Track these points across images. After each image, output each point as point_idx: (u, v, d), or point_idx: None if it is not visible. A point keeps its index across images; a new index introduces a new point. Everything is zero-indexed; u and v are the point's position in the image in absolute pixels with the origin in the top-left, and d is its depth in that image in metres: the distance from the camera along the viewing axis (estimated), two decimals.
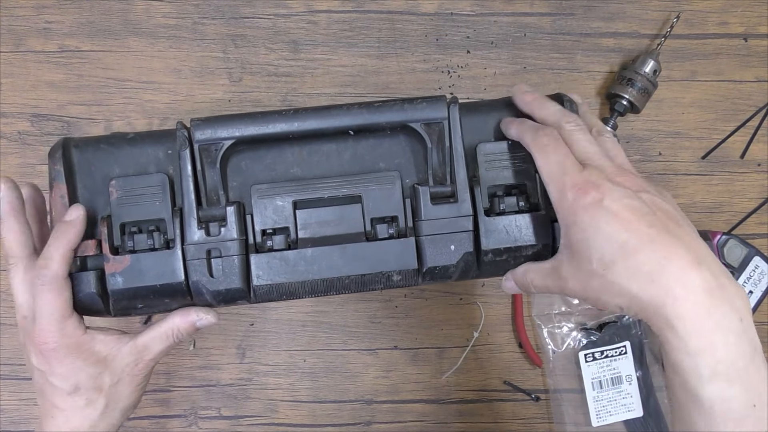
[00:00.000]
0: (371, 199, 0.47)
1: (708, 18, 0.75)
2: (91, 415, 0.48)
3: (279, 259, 0.46)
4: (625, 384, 0.70)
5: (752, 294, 0.69)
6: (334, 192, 0.47)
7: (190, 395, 0.71)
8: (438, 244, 0.46)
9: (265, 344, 0.72)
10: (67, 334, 0.46)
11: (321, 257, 0.46)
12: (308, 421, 0.71)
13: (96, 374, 0.47)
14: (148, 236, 0.45)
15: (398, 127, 0.47)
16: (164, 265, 0.45)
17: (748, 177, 0.75)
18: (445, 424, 0.72)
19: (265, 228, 0.47)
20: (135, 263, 0.45)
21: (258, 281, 0.46)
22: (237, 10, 0.72)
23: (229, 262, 0.45)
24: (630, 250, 0.39)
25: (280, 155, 0.48)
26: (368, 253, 0.46)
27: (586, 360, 0.70)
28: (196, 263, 0.45)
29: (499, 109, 0.50)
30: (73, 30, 0.71)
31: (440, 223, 0.46)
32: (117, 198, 0.46)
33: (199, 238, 0.45)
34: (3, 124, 0.71)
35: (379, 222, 0.47)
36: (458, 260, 0.46)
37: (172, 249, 0.45)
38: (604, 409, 0.70)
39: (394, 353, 0.72)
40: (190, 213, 0.46)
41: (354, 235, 0.47)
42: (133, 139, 0.48)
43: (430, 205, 0.46)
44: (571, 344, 0.72)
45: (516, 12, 0.74)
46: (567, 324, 0.72)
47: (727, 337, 0.38)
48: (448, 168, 0.47)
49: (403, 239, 0.46)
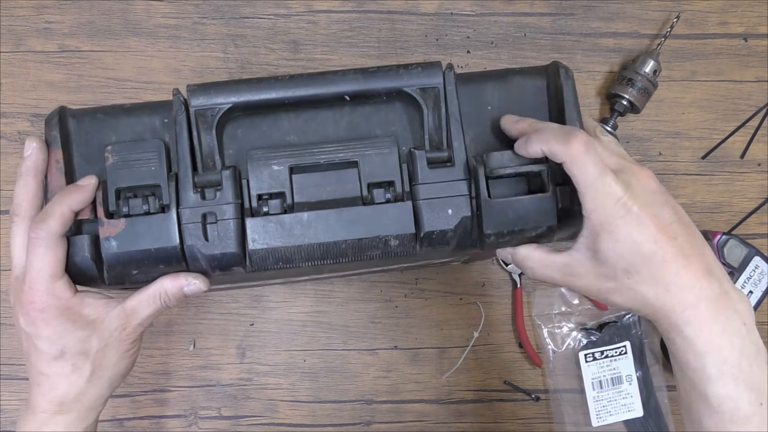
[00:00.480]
0: (368, 164, 0.46)
1: (708, 18, 0.76)
2: (77, 381, 0.47)
3: (275, 223, 0.45)
4: (625, 384, 0.70)
5: (752, 294, 0.69)
6: (331, 157, 0.46)
7: (190, 395, 0.71)
8: (435, 208, 0.46)
9: (265, 344, 0.72)
10: (55, 295, 0.45)
11: (317, 221, 0.45)
12: (308, 421, 0.71)
13: (83, 338, 0.47)
14: (143, 201, 0.45)
15: (394, 92, 0.47)
16: (159, 228, 0.45)
17: (748, 177, 0.75)
18: (445, 424, 0.72)
19: (261, 192, 0.46)
20: (129, 227, 0.45)
21: (254, 245, 0.45)
22: (237, 10, 0.72)
23: (225, 226, 0.45)
24: (656, 263, 0.41)
25: (276, 122, 0.48)
26: (365, 217, 0.46)
27: (586, 360, 0.70)
28: (191, 227, 0.45)
29: (494, 78, 0.50)
30: (73, 30, 0.71)
31: (437, 187, 0.46)
32: (112, 163, 0.45)
33: (194, 202, 0.45)
34: (3, 124, 0.71)
35: (376, 187, 0.46)
36: (456, 225, 0.46)
37: (167, 213, 0.45)
38: (604, 409, 0.70)
39: (394, 353, 0.72)
40: (186, 177, 0.45)
41: (350, 200, 0.46)
42: (130, 109, 0.48)
43: (427, 169, 0.46)
44: (571, 344, 0.72)
45: (516, 12, 0.74)
46: (567, 324, 0.72)
47: (732, 339, 0.41)
48: (445, 133, 0.47)
49: (400, 203, 0.46)
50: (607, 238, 0.42)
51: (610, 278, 0.42)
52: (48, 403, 0.47)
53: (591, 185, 0.41)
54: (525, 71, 0.50)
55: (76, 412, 0.48)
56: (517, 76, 0.50)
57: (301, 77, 0.46)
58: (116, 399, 0.70)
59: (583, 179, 0.42)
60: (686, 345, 0.41)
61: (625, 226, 0.41)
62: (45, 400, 0.47)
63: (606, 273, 0.43)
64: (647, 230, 0.41)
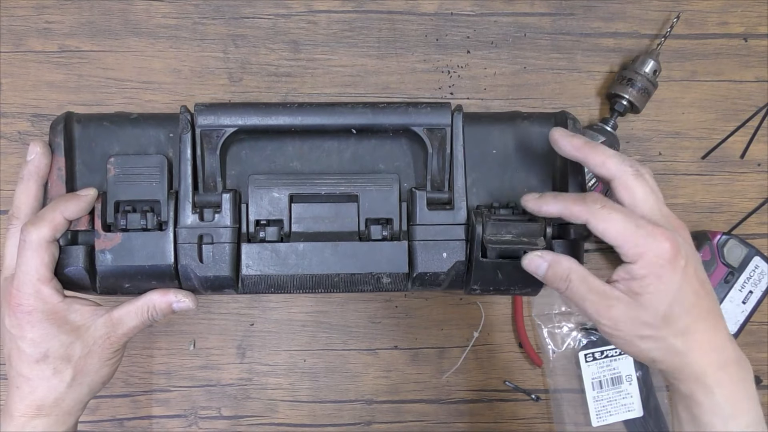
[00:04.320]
0: (368, 199, 0.47)
1: (708, 18, 0.76)
2: (57, 386, 0.47)
3: (270, 251, 0.46)
4: (625, 384, 0.70)
5: (752, 294, 0.69)
6: (332, 189, 0.47)
7: (190, 395, 0.71)
8: (431, 250, 0.46)
9: (265, 344, 0.72)
10: (43, 299, 0.45)
11: (312, 252, 0.46)
12: (308, 421, 0.71)
13: (67, 343, 0.47)
14: (142, 216, 0.45)
15: (401, 129, 0.47)
16: (155, 246, 0.45)
17: (748, 177, 0.75)
18: (445, 424, 0.72)
19: (260, 218, 0.46)
20: (126, 242, 0.45)
21: (247, 271, 0.46)
22: (237, 10, 0.72)
23: (220, 249, 0.45)
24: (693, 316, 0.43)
25: (280, 148, 0.48)
26: (360, 253, 0.46)
27: (586, 360, 0.70)
28: (187, 247, 0.45)
29: (502, 122, 0.50)
30: (73, 30, 0.71)
31: (435, 230, 0.46)
32: (114, 175, 0.46)
33: (192, 222, 0.45)
34: (3, 124, 0.71)
35: (374, 223, 0.47)
36: (449, 268, 0.46)
37: (164, 231, 0.45)
38: (604, 409, 0.70)
39: (394, 353, 0.72)
40: (186, 197, 0.45)
41: (347, 234, 0.47)
42: (136, 120, 0.48)
43: (426, 210, 0.46)
44: (571, 344, 0.72)
45: (516, 12, 0.74)
46: (567, 324, 0.72)
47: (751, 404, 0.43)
48: (447, 175, 0.47)
49: (396, 242, 0.46)
50: (655, 281, 0.42)
51: (648, 325, 0.43)
52: (26, 407, 0.47)
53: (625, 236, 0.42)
54: (533, 117, 0.50)
55: (55, 417, 0.47)
56: (525, 122, 0.50)
57: (309, 106, 0.46)
58: (116, 399, 0.70)
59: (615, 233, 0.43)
60: (713, 407, 0.43)
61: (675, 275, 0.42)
62: (24, 403, 0.47)
63: (645, 319, 0.43)
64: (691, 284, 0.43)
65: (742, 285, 0.69)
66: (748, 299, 0.69)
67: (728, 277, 0.69)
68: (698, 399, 0.43)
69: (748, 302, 0.69)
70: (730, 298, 0.68)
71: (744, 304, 0.69)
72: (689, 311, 0.43)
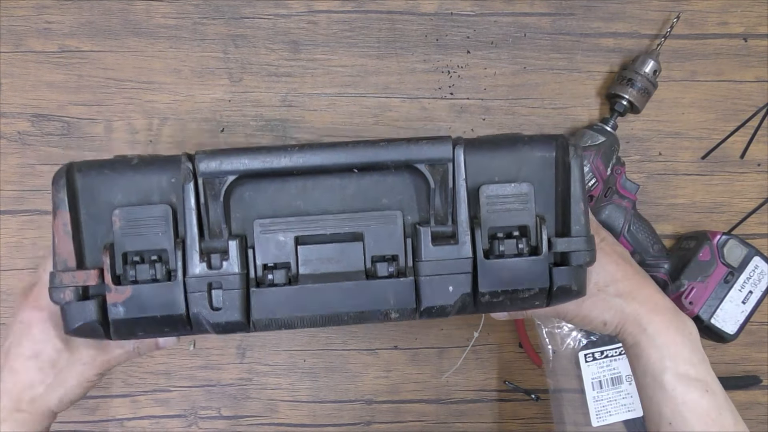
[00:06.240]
0: (372, 237, 0.47)
1: (708, 18, 0.76)
2: (37, 386, 0.50)
3: (279, 295, 0.47)
4: (625, 384, 0.70)
5: (752, 294, 0.69)
6: (336, 229, 0.48)
7: (190, 395, 0.71)
8: (436, 284, 0.47)
9: (265, 344, 0.72)
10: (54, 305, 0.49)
11: (321, 294, 0.47)
12: (308, 421, 0.71)
13: (58, 349, 0.50)
14: (150, 266, 0.46)
15: (402, 165, 0.47)
16: (166, 296, 0.46)
17: (748, 177, 0.75)
18: (445, 424, 0.72)
19: (267, 263, 0.47)
20: (137, 294, 0.46)
21: (257, 315, 0.47)
22: (237, 10, 0.72)
23: (230, 296, 0.46)
24: (618, 278, 0.53)
25: (283, 188, 0.49)
26: (367, 291, 0.47)
27: (586, 360, 0.70)
28: (197, 296, 0.46)
29: (503, 147, 0.50)
30: (73, 30, 0.71)
31: (440, 265, 0.47)
32: (120, 227, 0.46)
33: (201, 271, 0.46)
34: (3, 124, 0.71)
35: (380, 260, 0.47)
36: (455, 301, 0.47)
37: (173, 281, 0.46)
38: (604, 409, 0.70)
39: (394, 353, 0.72)
40: (192, 246, 0.46)
41: (354, 273, 0.47)
42: (137, 165, 0.48)
43: (431, 246, 0.47)
44: (571, 344, 0.72)
45: (516, 12, 0.74)
46: (567, 324, 0.72)
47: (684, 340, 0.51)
48: (450, 209, 0.47)
49: (402, 279, 0.47)
50: None
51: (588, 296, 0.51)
52: (9, 400, 0.50)
53: None
54: (534, 140, 0.50)
55: (29, 415, 0.51)
56: (525, 147, 0.49)
57: (310, 147, 0.47)
58: (116, 399, 0.70)
59: None
60: (648, 341, 0.51)
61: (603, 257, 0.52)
62: (7, 396, 0.50)
63: None
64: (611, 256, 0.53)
65: (742, 285, 0.69)
66: (748, 299, 0.69)
67: (728, 277, 0.69)
68: (639, 339, 0.52)
69: (748, 302, 0.69)
70: (730, 298, 0.68)
71: (744, 304, 0.69)
72: (614, 276, 0.53)
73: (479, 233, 0.47)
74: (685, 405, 0.50)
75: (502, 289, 0.47)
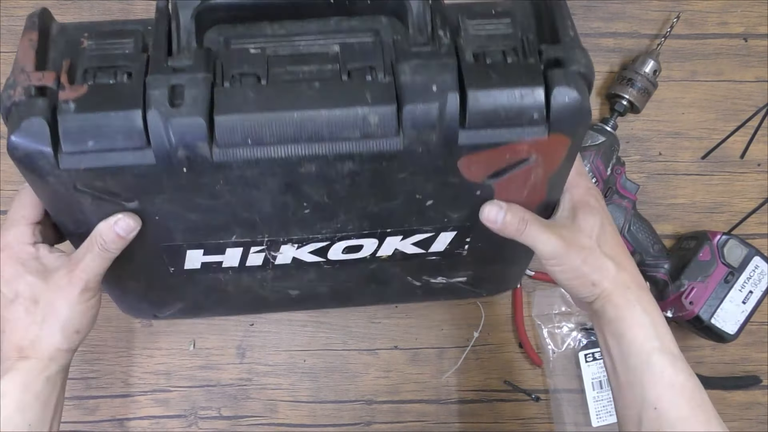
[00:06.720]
0: (349, 50, 0.45)
1: (708, 18, 0.76)
2: (31, 327, 0.49)
3: (246, 89, 0.43)
4: None
5: (752, 294, 0.69)
6: (311, 47, 0.46)
7: (190, 395, 0.71)
8: (418, 85, 0.43)
9: (265, 344, 0.72)
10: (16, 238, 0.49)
11: (291, 90, 0.43)
12: (308, 421, 0.71)
13: (32, 283, 0.49)
14: (111, 72, 0.44)
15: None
16: (122, 93, 0.43)
17: (748, 177, 0.75)
18: (445, 424, 0.72)
19: (233, 72, 0.44)
20: (92, 92, 0.43)
21: (221, 112, 0.43)
22: None
23: (192, 95, 0.43)
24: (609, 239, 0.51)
25: (259, 31, 0.47)
26: (344, 89, 0.43)
27: (586, 360, 0.70)
28: (157, 93, 0.42)
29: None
30: None
31: (422, 66, 0.43)
32: (86, 46, 0.45)
33: (164, 73, 0.43)
34: (3, 124, 0.71)
35: (358, 71, 0.45)
36: (441, 103, 0.43)
37: (132, 80, 0.43)
38: (604, 409, 0.70)
39: (394, 353, 0.72)
40: (158, 57, 0.44)
41: (330, 75, 0.45)
42: (114, 21, 0.48)
43: (411, 51, 0.44)
44: (571, 344, 0.72)
45: None
46: (567, 324, 0.72)
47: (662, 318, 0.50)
48: (430, 27, 0.46)
49: (381, 80, 0.44)
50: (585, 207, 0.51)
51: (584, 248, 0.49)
52: (12, 349, 0.49)
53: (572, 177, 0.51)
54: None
55: (35, 360, 0.49)
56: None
57: None
58: (116, 399, 0.70)
59: None
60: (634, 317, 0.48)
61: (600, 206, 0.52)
62: (10, 346, 0.49)
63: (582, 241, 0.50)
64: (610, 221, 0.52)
65: (742, 285, 0.69)
66: (748, 299, 0.69)
67: (728, 277, 0.68)
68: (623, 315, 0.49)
69: (748, 302, 0.69)
70: (730, 298, 0.68)
71: (744, 304, 0.69)
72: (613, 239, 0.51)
73: (463, 43, 0.45)
74: (673, 388, 0.47)
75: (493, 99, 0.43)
